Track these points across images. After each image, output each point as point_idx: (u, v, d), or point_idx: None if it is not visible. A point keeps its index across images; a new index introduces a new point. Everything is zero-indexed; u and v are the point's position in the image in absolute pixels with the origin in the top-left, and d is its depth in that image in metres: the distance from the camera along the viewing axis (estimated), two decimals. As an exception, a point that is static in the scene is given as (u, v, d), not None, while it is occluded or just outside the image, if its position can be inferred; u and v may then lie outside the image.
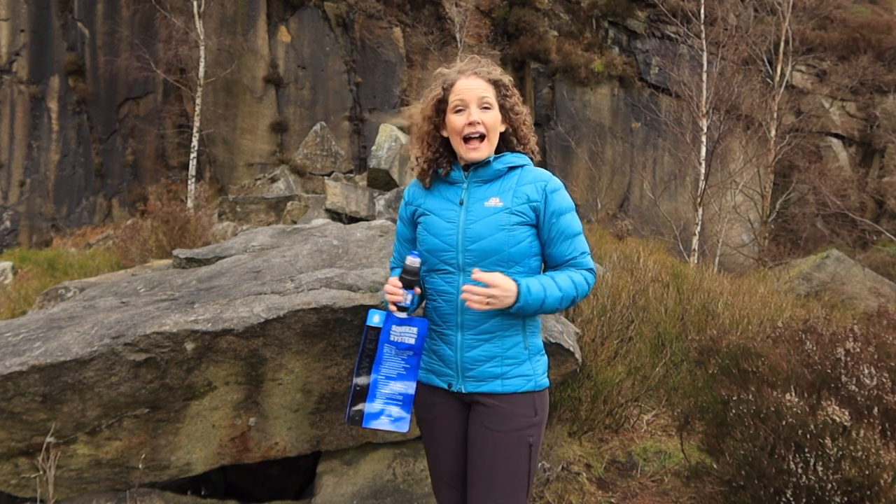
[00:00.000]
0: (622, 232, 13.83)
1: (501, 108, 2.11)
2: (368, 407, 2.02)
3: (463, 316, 2.05)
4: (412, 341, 2.03)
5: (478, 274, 1.94)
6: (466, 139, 2.07)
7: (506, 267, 2.02)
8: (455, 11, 20.95)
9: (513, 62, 21.38)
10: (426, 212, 2.14)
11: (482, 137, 2.07)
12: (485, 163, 2.10)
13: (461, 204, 2.08)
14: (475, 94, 2.07)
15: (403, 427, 2.03)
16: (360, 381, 2.04)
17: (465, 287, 1.95)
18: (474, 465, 2.07)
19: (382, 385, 2.04)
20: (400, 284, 2.01)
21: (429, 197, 2.16)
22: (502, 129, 2.13)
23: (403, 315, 2.03)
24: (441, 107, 2.12)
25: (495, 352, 2.05)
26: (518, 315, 2.04)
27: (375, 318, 2.05)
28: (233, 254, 3.98)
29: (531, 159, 2.18)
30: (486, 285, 1.93)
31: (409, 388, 2.05)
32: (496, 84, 2.10)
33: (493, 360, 2.05)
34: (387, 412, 2.03)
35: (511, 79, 2.17)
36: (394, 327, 2.03)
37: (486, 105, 2.07)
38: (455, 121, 2.08)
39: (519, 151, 2.16)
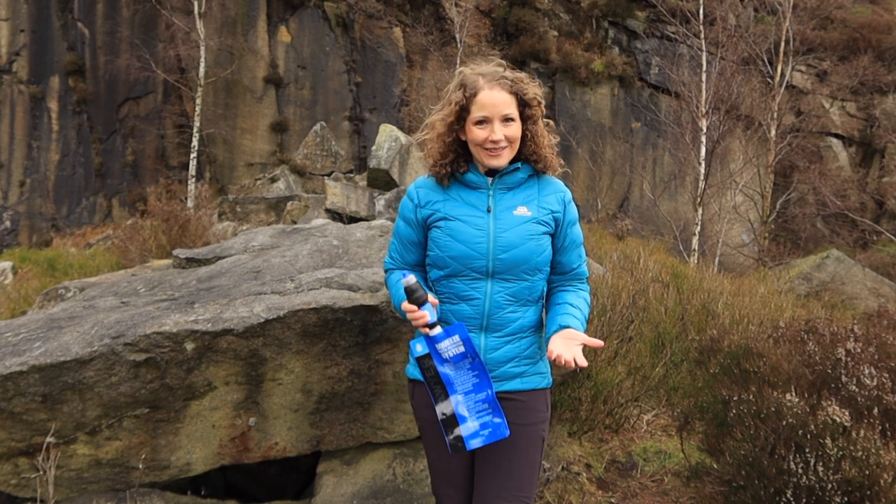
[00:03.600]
0: (622, 232, 13.82)
1: (521, 115, 2.08)
2: (464, 430, 1.98)
3: (489, 319, 2.06)
4: (463, 349, 2.00)
5: (559, 355, 1.93)
6: (487, 149, 2.05)
7: (531, 275, 2.07)
8: (455, 11, 20.95)
9: (513, 62, 21.35)
10: (447, 217, 2.08)
11: (505, 147, 2.06)
12: (512, 169, 2.09)
13: (489, 211, 2.07)
14: (499, 110, 2.01)
15: (505, 432, 1.99)
16: (444, 408, 2.01)
17: (558, 356, 1.92)
18: (488, 460, 2.07)
19: (467, 402, 2.00)
20: (415, 307, 1.98)
21: (448, 201, 2.11)
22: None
23: (438, 330, 2.00)
24: (463, 115, 2.07)
25: (515, 352, 2.09)
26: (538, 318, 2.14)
27: (419, 348, 2.02)
28: (233, 254, 3.97)
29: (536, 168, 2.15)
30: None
31: (490, 392, 2.01)
32: (518, 95, 2.06)
33: (514, 361, 2.09)
34: (482, 425, 1.99)
35: (538, 93, 2.10)
36: (438, 346, 2.00)
37: (509, 122, 2.04)
38: (477, 133, 2.04)
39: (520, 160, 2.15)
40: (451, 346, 2.00)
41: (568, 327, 2.02)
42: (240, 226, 13.83)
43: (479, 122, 2.03)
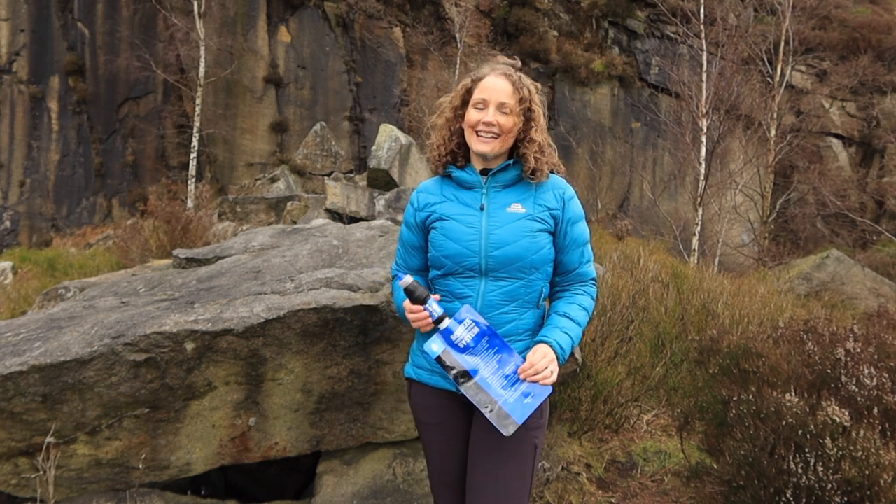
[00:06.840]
0: (622, 232, 13.83)
1: (520, 116, 2.09)
2: (507, 407, 1.93)
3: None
4: (477, 329, 1.97)
5: (523, 372, 1.95)
6: (478, 133, 2.08)
7: (526, 273, 2.04)
8: (455, 11, 20.95)
9: (513, 62, 21.38)
10: (443, 217, 2.11)
11: (496, 135, 2.07)
12: (504, 167, 2.10)
13: (482, 209, 2.07)
14: (497, 97, 2.05)
15: (548, 390, 1.96)
16: (480, 398, 1.95)
17: (525, 371, 1.94)
18: (479, 465, 2.05)
19: (498, 381, 1.95)
20: (420, 307, 1.98)
21: (444, 202, 2.13)
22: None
23: (448, 322, 1.98)
24: (467, 98, 2.12)
25: None
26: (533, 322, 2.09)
27: (435, 347, 1.98)
28: (233, 254, 3.97)
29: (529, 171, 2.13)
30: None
31: (517, 360, 1.97)
32: (521, 93, 2.08)
33: None
34: (523, 393, 1.94)
35: (538, 103, 2.12)
36: (453, 337, 1.97)
37: (505, 111, 2.06)
38: (472, 116, 2.08)
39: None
40: (465, 333, 1.97)
41: (544, 342, 2.00)
42: (240, 226, 13.83)
43: (478, 106, 2.07)
